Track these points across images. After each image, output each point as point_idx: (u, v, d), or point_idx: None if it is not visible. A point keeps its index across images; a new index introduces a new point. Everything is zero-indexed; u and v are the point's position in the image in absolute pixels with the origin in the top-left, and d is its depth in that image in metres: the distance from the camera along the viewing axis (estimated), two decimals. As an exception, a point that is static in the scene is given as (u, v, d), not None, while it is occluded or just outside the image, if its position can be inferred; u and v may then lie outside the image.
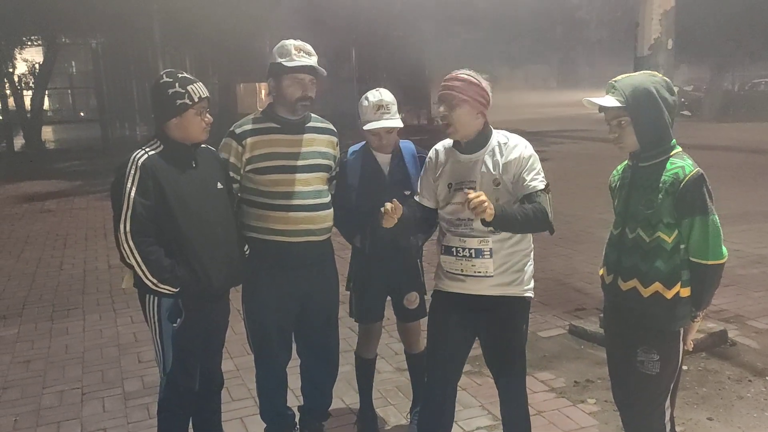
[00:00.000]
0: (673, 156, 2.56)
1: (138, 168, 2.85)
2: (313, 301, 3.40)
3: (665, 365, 2.62)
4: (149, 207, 2.84)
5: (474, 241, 2.88)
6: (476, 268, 2.89)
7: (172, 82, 2.93)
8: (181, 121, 2.94)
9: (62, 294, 6.74)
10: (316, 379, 3.58)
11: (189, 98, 2.93)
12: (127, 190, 2.82)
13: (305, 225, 3.26)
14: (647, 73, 2.70)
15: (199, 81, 3.01)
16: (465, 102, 2.85)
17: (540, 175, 2.87)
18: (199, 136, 3.01)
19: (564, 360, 4.67)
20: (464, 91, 2.85)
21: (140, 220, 2.83)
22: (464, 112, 2.86)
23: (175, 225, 2.91)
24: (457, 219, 2.94)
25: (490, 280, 2.90)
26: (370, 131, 3.36)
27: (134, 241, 2.82)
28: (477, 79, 2.90)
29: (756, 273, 6.50)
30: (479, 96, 2.88)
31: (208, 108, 3.04)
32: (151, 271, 2.86)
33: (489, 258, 2.87)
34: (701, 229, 2.49)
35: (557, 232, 2.97)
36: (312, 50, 3.27)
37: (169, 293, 2.92)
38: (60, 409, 4.24)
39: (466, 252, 2.90)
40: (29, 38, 23.76)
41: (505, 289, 2.92)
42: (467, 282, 2.94)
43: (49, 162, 19.79)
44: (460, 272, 2.94)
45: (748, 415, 3.82)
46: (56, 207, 12.20)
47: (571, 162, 15.36)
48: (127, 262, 2.88)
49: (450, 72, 2.96)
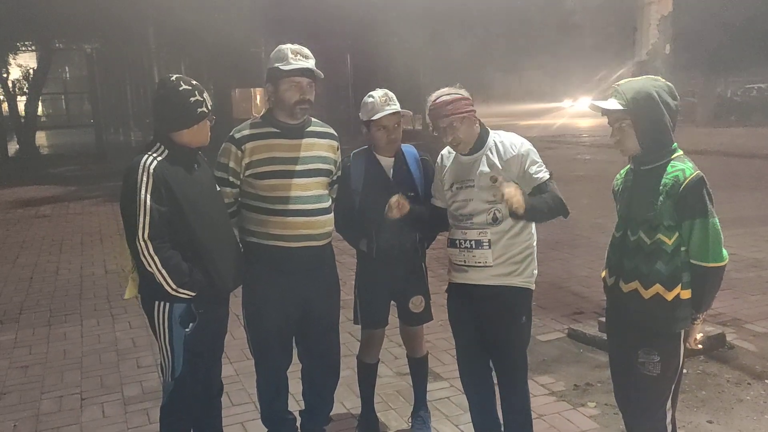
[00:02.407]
0: (674, 159, 2.59)
1: (150, 175, 2.83)
2: (313, 306, 3.39)
3: (666, 367, 2.63)
4: (164, 213, 2.84)
5: (474, 233, 3.10)
6: (476, 258, 3.10)
7: (192, 90, 2.93)
8: (199, 128, 2.96)
9: (59, 299, 6.71)
10: (318, 384, 3.57)
11: (206, 106, 2.96)
12: (142, 197, 2.80)
13: (304, 230, 3.25)
14: (650, 77, 2.73)
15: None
16: (463, 119, 3.07)
17: (543, 166, 3.09)
18: (206, 141, 3.04)
19: (563, 364, 4.68)
20: (457, 110, 3.06)
21: (157, 226, 2.82)
22: (466, 128, 3.09)
23: (189, 229, 2.91)
24: (459, 214, 3.16)
25: (490, 270, 3.09)
26: (380, 124, 3.39)
27: (154, 247, 2.81)
28: (458, 93, 3.11)
29: (752, 276, 6.53)
30: (468, 107, 3.10)
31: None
32: (172, 276, 2.85)
33: (488, 249, 3.07)
34: (701, 232, 2.51)
35: (553, 236, 3.07)
36: (309, 53, 3.26)
37: (186, 297, 2.92)
38: (59, 414, 4.22)
39: (467, 243, 3.12)
40: (23, 43, 23.70)
41: (504, 279, 3.10)
42: (470, 272, 3.15)
43: (43, 167, 19.74)
44: (464, 263, 3.16)
45: (748, 418, 3.84)
46: (51, 212, 12.16)
47: (566, 167, 15.40)
48: (147, 270, 2.85)
49: (436, 89, 3.16)
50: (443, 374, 4.53)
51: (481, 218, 3.08)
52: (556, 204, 3.03)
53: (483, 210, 3.07)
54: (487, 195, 3.05)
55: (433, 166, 3.48)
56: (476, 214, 3.09)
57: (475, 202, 3.09)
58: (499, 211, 3.03)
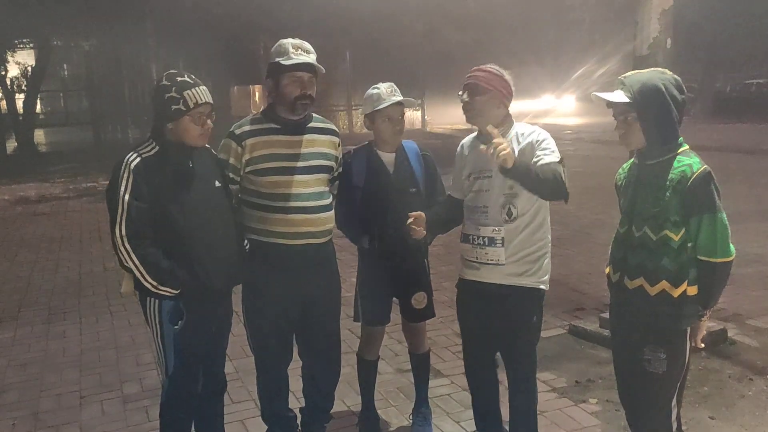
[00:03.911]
0: (680, 154, 2.55)
1: (131, 171, 2.82)
2: (314, 303, 3.36)
3: (672, 364, 2.60)
4: (144, 209, 2.82)
5: (488, 230, 3.02)
6: (489, 256, 3.03)
7: (169, 86, 2.88)
8: (177, 127, 2.91)
9: (58, 297, 6.69)
10: (318, 381, 3.55)
11: (184, 104, 2.87)
12: (121, 193, 2.80)
13: (305, 227, 3.22)
14: (657, 70, 2.69)
15: (201, 85, 2.94)
16: (487, 91, 3.00)
17: (555, 151, 2.94)
18: (194, 143, 2.97)
19: (565, 360, 4.66)
20: (488, 82, 3.01)
21: (135, 223, 2.80)
22: (485, 100, 3.01)
23: (174, 226, 2.88)
24: (475, 206, 3.08)
25: (503, 269, 3.01)
26: (386, 114, 3.38)
27: (130, 244, 2.80)
28: (500, 72, 3.06)
29: (753, 272, 6.52)
30: (502, 87, 3.03)
31: (209, 113, 2.97)
32: (150, 273, 2.84)
33: (501, 247, 2.99)
34: (709, 227, 2.48)
35: (554, 232, 3.05)
36: (310, 48, 3.22)
37: (169, 295, 2.90)
38: (58, 412, 4.20)
39: (480, 240, 3.05)
40: (21, 41, 23.63)
41: (518, 279, 3.02)
42: (481, 270, 3.07)
43: (41, 165, 19.68)
44: (476, 260, 3.08)
45: (750, 414, 3.82)
46: (50, 210, 12.13)
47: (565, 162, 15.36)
48: (125, 266, 2.85)
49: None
50: (444, 371, 4.51)
51: (497, 212, 2.98)
52: (556, 178, 2.82)
53: (498, 203, 2.98)
54: (504, 186, 2.95)
55: (434, 161, 3.45)
56: (492, 206, 3.00)
57: (492, 194, 3.00)
58: (514, 207, 2.96)
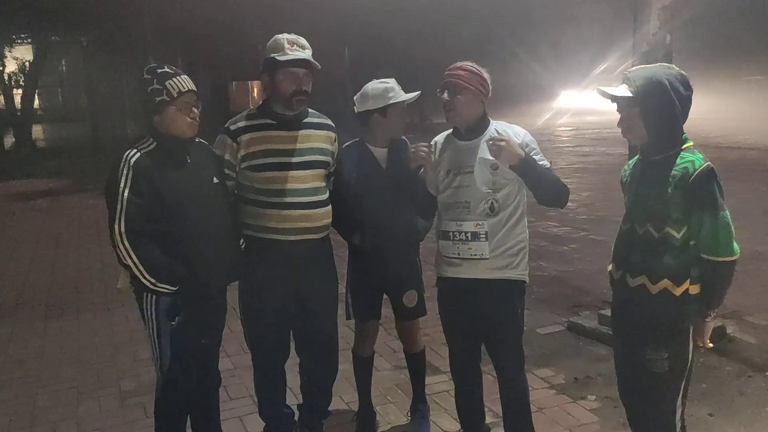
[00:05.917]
0: (683, 150, 2.51)
1: (131, 167, 2.81)
2: (311, 300, 3.35)
3: (674, 364, 2.56)
4: (143, 206, 2.80)
5: (470, 225, 3.00)
6: (472, 251, 3.00)
7: (151, 79, 2.88)
8: (163, 118, 2.89)
9: (56, 293, 6.68)
10: (316, 378, 3.54)
11: (168, 94, 2.86)
12: (120, 190, 2.78)
13: (302, 223, 3.21)
14: (664, 65, 2.64)
15: (181, 74, 2.93)
16: (467, 90, 3.01)
17: (544, 158, 3.06)
18: (184, 133, 2.95)
19: (563, 357, 4.65)
20: (467, 80, 3.02)
21: (135, 219, 2.79)
22: (466, 99, 3.02)
23: (172, 223, 2.87)
24: (454, 202, 3.05)
25: (486, 263, 3.00)
26: (401, 107, 3.39)
27: (129, 241, 2.79)
28: (478, 70, 3.07)
29: (752, 269, 6.50)
30: (480, 85, 3.04)
31: (195, 102, 2.95)
32: (148, 270, 2.83)
33: (485, 241, 2.99)
34: (711, 225, 2.43)
35: (553, 229, 3.01)
36: (306, 43, 3.21)
37: (167, 291, 2.88)
38: (55, 408, 4.19)
39: (462, 235, 3.02)
40: (19, 36, 23.60)
41: (500, 272, 3.02)
42: (463, 266, 3.05)
43: (39, 161, 19.66)
44: (457, 256, 3.05)
45: (749, 411, 3.81)
46: (48, 206, 12.12)
47: (563, 160, 15.37)
48: (123, 263, 2.84)
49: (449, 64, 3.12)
50: (442, 367, 4.49)
51: (479, 207, 2.98)
52: (558, 183, 3.02)
53: (481, 198, 2.98)
54: (486, 182, 2.97)
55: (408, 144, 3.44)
56: (474, 202, 2.98)
57: (474, 189, 2.99)
58: (496, 201, 2.97)
